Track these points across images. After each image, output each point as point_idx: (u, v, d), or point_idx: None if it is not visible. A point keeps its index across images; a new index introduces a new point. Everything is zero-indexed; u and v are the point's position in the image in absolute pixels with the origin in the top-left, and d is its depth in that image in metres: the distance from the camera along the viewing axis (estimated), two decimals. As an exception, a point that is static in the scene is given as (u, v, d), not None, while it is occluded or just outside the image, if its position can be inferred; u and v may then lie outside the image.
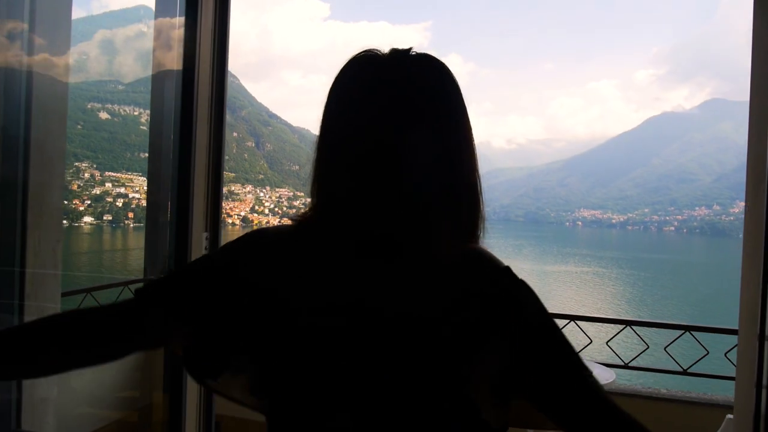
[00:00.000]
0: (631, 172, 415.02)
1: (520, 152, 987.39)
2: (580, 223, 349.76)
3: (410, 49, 0.69)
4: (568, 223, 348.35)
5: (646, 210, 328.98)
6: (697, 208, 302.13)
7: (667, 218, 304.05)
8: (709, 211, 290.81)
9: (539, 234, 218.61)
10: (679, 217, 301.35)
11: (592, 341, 4.22)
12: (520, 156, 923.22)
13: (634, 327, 3.86)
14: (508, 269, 0.69)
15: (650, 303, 54.83)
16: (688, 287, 72.46)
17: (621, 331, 4.29)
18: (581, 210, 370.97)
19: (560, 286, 65.75)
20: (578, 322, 3.88)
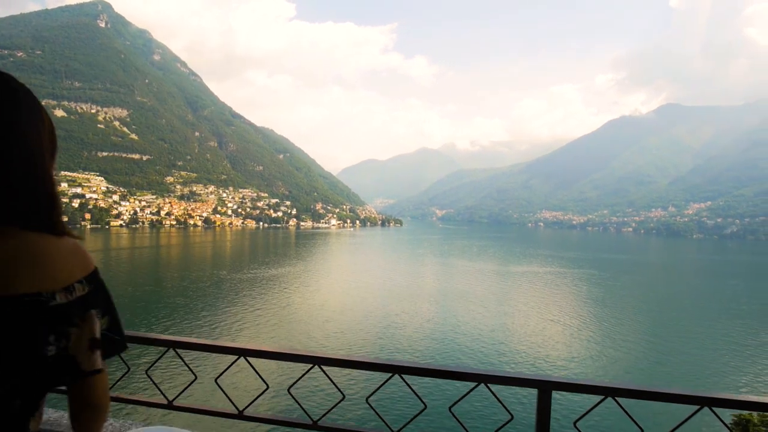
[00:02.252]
0: (591, 174, 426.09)
1: (484, 154, 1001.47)
2: (542, 224, 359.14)
3: None
4: (530, 224, 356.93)
5: (605, 211, 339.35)
6: (653, 210, 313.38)
7: (626, 219, 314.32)
8: (665, 212, 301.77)
9: (503, 235, 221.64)
10: (637, 218, 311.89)
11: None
12: (484, 158, 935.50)
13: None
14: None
15: (611, 303, 56.01)
16: (647, 286, 74.49)
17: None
18: (543, 211, 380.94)
19: (524, 286, 66.61)
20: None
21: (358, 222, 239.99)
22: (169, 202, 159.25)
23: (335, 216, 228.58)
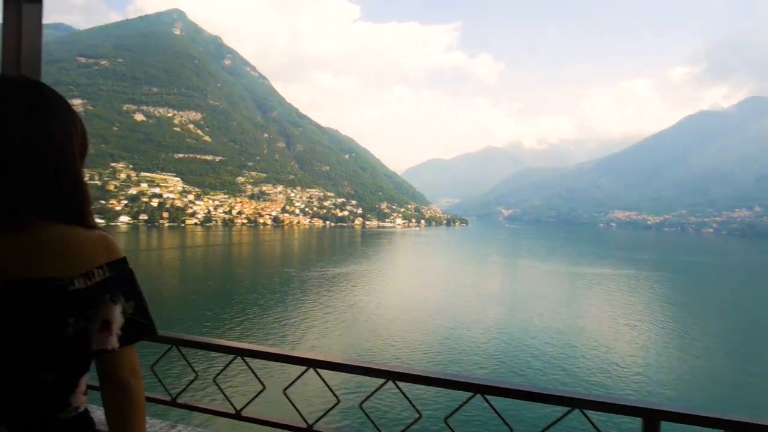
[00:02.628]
0: (667, 172, 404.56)
1: (551, 152, 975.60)
2: (614, 224, 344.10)
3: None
4: (601, 225, 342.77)
5: (683, 211, 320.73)
6: (737, 209, 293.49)
7: (706, 219, 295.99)
8: (750, 212, 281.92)
9: (572, 235, 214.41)
10: (718, 218, 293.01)
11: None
12: (552, 156, 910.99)
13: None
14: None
15: (691, 309, 52.80)
16: (729, 292, 69.80)
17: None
18: (615, 211, 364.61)
19: (595, 289, 64.01)
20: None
21: (423, 221, 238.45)
22: (240, 202, 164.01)
23: (400, 215, 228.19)
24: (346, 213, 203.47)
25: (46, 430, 0.97)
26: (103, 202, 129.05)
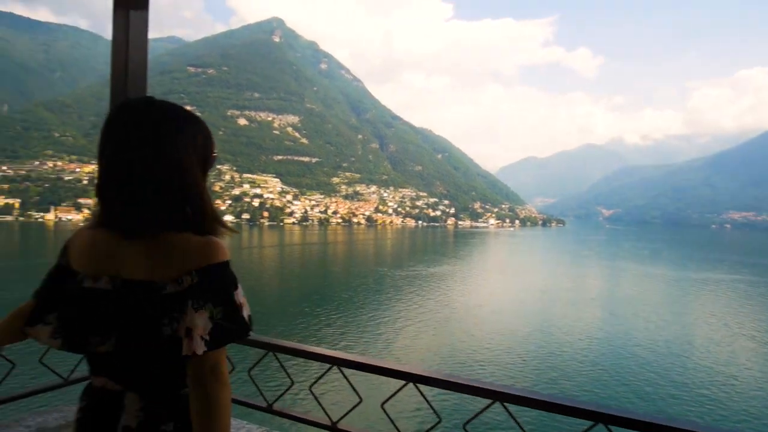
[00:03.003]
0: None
1: (656, 149, 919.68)
2: (728, 225, 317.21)
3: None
4: (714, 226, 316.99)
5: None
6: None
7: None
8: None
9: (680, 237, 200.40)
10: None
11: None
12: (657, 153, 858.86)
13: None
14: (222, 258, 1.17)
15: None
16: None
17: None
18: (730, 212, 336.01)
19: (707, 295, 59.29)
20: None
21: (517, 221, 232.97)
22: (335, 202, 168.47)
23: (494, 215, 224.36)
24: (438, 213, 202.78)
25: (170, 403, 1.13)
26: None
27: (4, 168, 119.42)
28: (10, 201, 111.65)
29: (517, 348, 33.21)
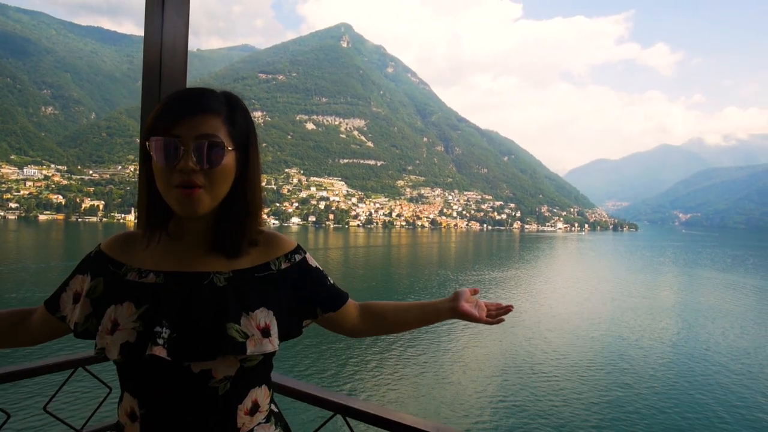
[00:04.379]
0: None
1: (740, 149, 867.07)
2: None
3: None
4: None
5: None
6: None
7: None
8: None
9: (766, 244, 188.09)
10: None
11: None
12: (741, 154, 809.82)
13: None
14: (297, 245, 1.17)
15: None
16: None
17: None
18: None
19: None
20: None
21: (587, 226, 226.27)
22: (400, 204, 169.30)
23: (561, 219, 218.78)
24: (503, 216, 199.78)
25: None
26: (278, 204, 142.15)
27: (91, 172, 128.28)
28: (95, 203, 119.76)
29: (587, 356, 32.61)
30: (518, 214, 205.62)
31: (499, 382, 26.95)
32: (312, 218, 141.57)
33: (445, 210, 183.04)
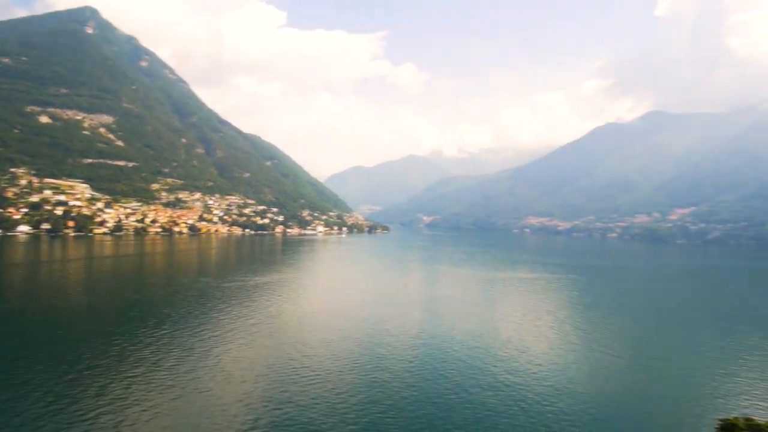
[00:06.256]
0: (577, 180, 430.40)
1: (471, 161, 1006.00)
2: (528, 230, 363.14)
3: None
4: (516, 231, 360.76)
5: (591, 217, 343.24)
6: (637, 215, 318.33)
7: (610, 225, 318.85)
8: (649, 218, 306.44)
9: (490, 241, 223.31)
10: (621, 224, 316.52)
11: None
12: (472, 165, 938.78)
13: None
14: None
15: (599, 308, 56.72)
16: (635, 291, 75.86)
17: None
18: (529, 218, 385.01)
19: (512, 293, 67.43)
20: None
21: (345, 229, 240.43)
22: (155, 209, 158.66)
23: (322, 223, 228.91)
24: (266, 221, 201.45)
25: None
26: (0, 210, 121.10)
27: None
28: None
29: (347, 353, 34.85)
30: (281, 218, 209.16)
31: (262, 387, 27.48)
32: (46, 225, 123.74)
33: (205, 215, 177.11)
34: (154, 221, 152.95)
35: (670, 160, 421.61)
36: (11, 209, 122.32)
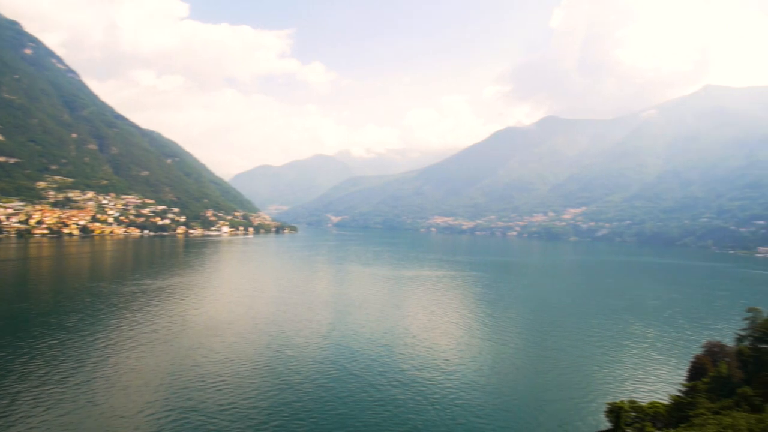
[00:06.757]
0: (479, 181, 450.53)
1: (378, 161, 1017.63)
2: (434, 229, 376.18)
3: None
4: (423, 230, 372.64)
5: (493, 216, 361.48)
6: (535, 215, 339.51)
7: (510, 224, 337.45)
8: (545, 217, 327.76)
9: (397, 240, 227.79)
10: (521, 222, 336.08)
11: None
12: (379, 165, 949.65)
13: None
14: None
15: (500, 303, 59.55)
16: (532, 286, 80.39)
17: None
18: (435, 217, 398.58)
19: (419, 290, 69.17)
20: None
21: (251, 229, 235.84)
22: (41, 210, 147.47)
23: (227, 223, 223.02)
24: (167, 221, 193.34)
25: None
26: None
27: None
28: None
29: (253, 356, 34.18)
30: (183, 219, 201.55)
31: (165, 396, 26.41)
32: None
33: (99, 215, 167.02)
34: (40, 222, 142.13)
35: (563, 162, 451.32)
36: None
